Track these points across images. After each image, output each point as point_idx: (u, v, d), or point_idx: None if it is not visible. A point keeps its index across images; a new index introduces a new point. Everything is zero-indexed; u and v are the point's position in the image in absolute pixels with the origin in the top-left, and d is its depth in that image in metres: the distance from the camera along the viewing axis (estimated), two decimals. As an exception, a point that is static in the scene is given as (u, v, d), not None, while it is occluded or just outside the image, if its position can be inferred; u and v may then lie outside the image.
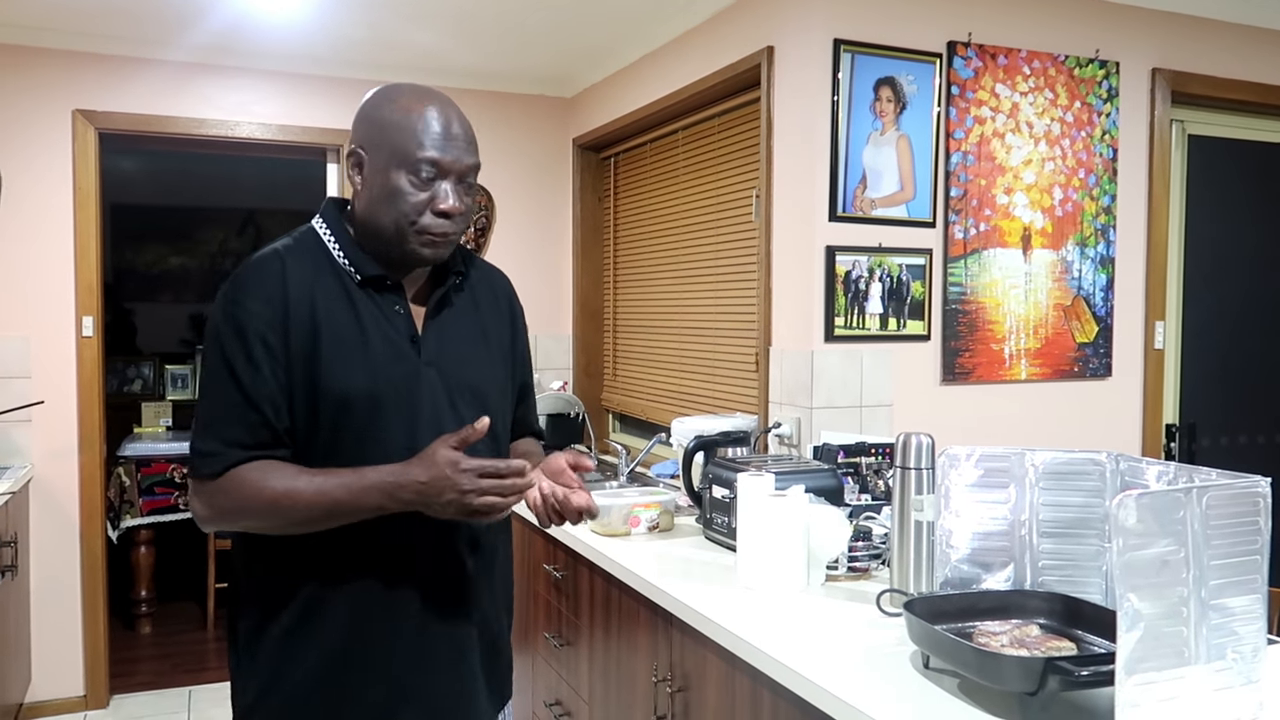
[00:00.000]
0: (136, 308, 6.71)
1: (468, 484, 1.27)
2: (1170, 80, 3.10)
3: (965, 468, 1.65)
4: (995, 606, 1.57)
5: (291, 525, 1.36)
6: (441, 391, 1.46)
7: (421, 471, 1.29)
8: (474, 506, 1.29)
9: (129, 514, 4.57)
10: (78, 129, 3.63)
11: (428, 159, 1.39)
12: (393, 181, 1.40)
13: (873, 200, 2.71)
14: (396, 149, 1.40)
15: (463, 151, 1.42)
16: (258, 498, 1.34)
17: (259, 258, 1.43)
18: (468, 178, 1.44)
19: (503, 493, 1.29)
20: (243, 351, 1.36)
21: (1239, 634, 1.29)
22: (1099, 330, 3.05)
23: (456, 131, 1.42)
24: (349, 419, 1.39)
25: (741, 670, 1.70)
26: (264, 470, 1.35)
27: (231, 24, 3.41)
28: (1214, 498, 1.27)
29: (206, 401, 1.39)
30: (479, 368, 1.52)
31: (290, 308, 1.38)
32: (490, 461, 1.30)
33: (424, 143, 1.39)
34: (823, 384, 2.67)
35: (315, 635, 1.41)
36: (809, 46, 2.66)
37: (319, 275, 1.42)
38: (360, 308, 1.42)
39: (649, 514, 2.44)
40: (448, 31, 3.50)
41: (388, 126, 1.41)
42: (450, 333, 1.50)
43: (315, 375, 1.37)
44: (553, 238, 4.36)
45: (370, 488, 1.32)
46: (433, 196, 1.41)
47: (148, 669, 4.27)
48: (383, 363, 1.41)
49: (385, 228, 1.42)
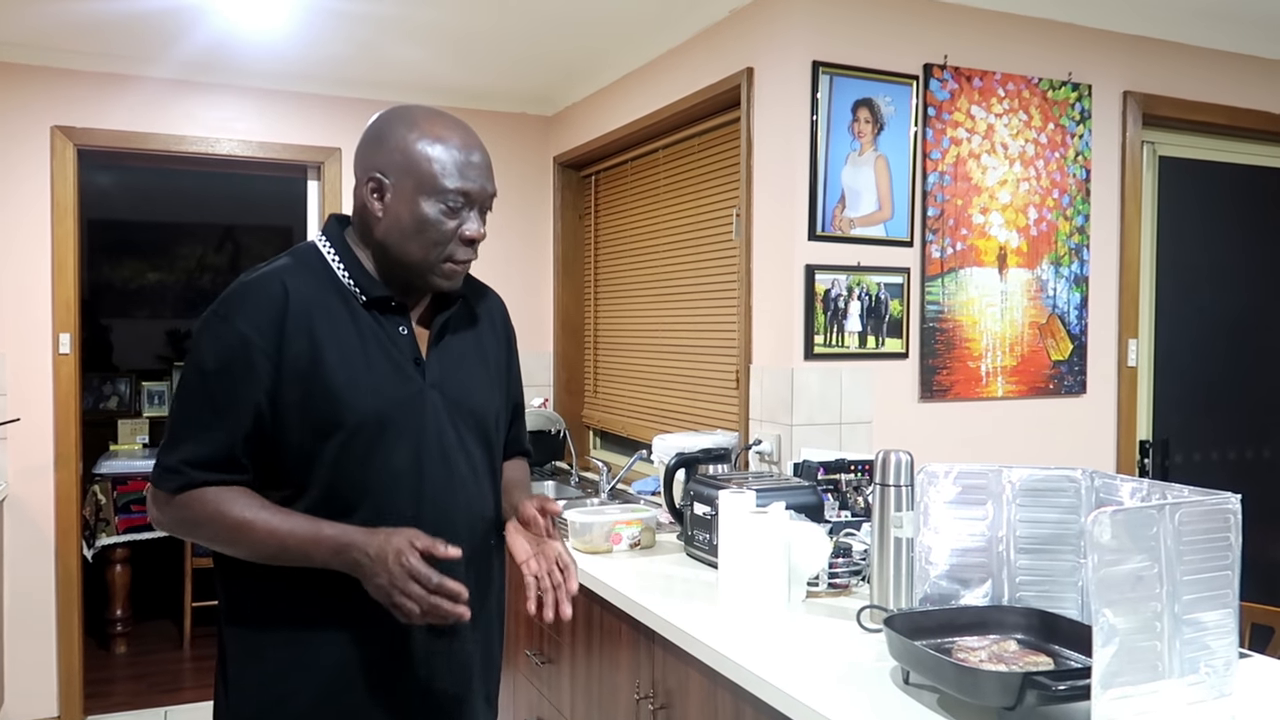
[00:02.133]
0: (113, 324, 6.65)
1: (399, 579, 1.25)
2: (1141, 103, 3.16)
3: (944, 485, 1.67)
4: (974, 622, 1.59)
5: (240, 554, 1.37)
6: (444, 414, 1.45)
7: (372, 546, 1.28)
8: (394, 601, 1.27)
9: (105, 532, 4.53)
10: (56, 146, 3.62)
11: (459, 189, 1.40)
12: (422, 210, 1.39)
13: (851, 219, 2.74)
14: (425, 178, 1.39)
15: (487, 180, 1.44)
16: (211, 522, 1.35)
17: (258, 278, 1.41)
18: (487, 205, 1.46)
19: (420, 606, 1.26)
20: (221, 372, 1.35)
21: (1211, 648, 1.32)
22: (1073, 348, 3.09)
23: (480, 159, 1.44)
24: (354, 439, 1.38)
25: (723, 687, 1.71)
26: (224, 496, 1.35)
27: (214, 41, 3.41)
28: (1186, 514, 1.30)
29: (177, 415, 1.39)
30: (480, 391, 1.52)
31: (287, 332, 1.36)
32: (432, 574, 1.26)
33: (455, 173, 1.40)
34: (803, 401, 2.69)
35: (312, 657, 1.40)
36: (788, 68, 2.70)
37: (322, 295, 1.41)
38: (364, 328, 1.42)
39: (630, 531, 2.45)
40: (430, 50, 3.52)
41: (413, 154, 1.39)
42: (453, 355, 1.50)
43: (318, 395, 1.36)
44: (534, 255, 4.37)
45: (320, 541, 1.31)
46: (460, 225, 1.42)
47: (123, 689, 4.22)
48: (387, 384, 1.41)
49: (412, 257, 1.41)
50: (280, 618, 1.41)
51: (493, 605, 1.58)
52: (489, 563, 1.55)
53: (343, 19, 3.18)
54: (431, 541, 1.28)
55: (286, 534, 1.33)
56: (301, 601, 1.39)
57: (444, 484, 1.45)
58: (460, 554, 1.29)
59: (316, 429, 1.37)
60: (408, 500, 1.41)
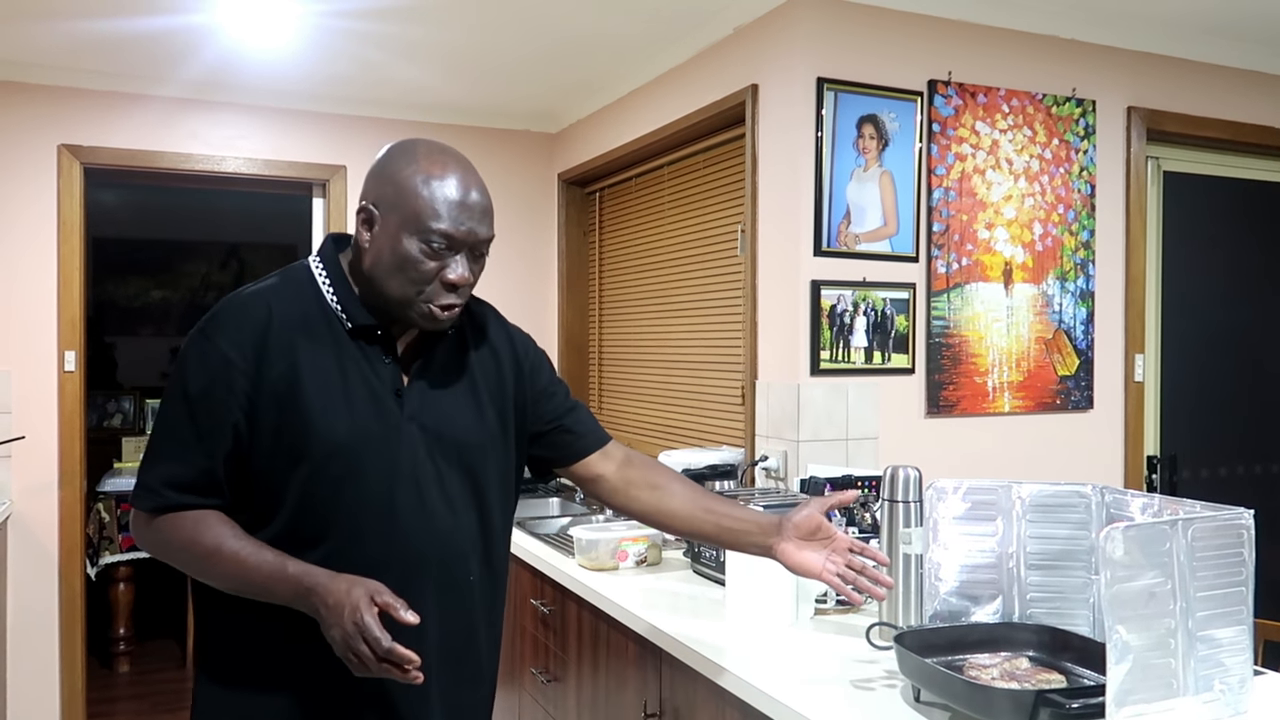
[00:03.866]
0: (118, 341, 6.66)
1: (351, 634, 1.22)
2: (1145, 118, 3.17)
3: (952, 500, 1.66)
4: (984, 639, 1.58)
5: (212, 583, 1.36)
6: (422, 446, 1.42)
7: (331, 596, 1.25)
8: (340, 652, 1.24)
9: (108, 550, 4.51)
10: (63, 164, 3.63)
11: (440, 231, 1.35)
12: (403, 248, 1.35)
13: (857, 235, 2.74)
14: (410, 215, 1.35)
15: (477, 223, 1.39)
16: (184, 548, 1.34)
17: (242, 298, 1.40)
18: (479, 249, 1.41)
19: (364, 665, 1.23)
20: (203, 393, 1.34)
21: (1226, 665, 1.30)
22: (1080, 363, 3.08)
23: (473, 202, 1.39)
24: (324, 468, 1.36)
25: (731, 705, 1.69)
26: (200, 523, 1.34)
27: (220, 60, 3.43)
28: (1199, 529, 1.29)
29: (158, 433, 1.38)
30: (464, 422, 1.48)
31: (268, 353, 1.35)
32: (383, 638, 1.21)
33: (440, 213, 1.35)
34: (809, 417, 2.68)
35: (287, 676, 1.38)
36: (793, 85, 2.70)
37: (306, 319, 1.39)
38: (345, 356, 1.39)
39: (637, 548, 2.44)
40: (435, 68, 3.54)
41: (404, 190, 1.36)
42: (437, 386, 1.46)
43: (292, 421, 1.35)
44: (538, 272, 4.38)
45: (285, 580, 1.29)
46: (442, 267, 1.37)
47: (126, 709, 4.20)
48: (363, 414, 1.38)
49: (392, 293, 1.38)
50: (249, 651, 1.39)
51: (481, 642, 1.51)
52: (469, 597, 1.48)
53: (348, 38, 3.20)
54: (393, 601, 1.23)
55: (253, 567, 1.30)
56: (268, 636, 1.37)
57: (416, 517, 1.41)
58: (418, 620, 1.24)
59: (288, 455, 1.35)
60: (376, 533, 1.38)
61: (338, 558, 1.34)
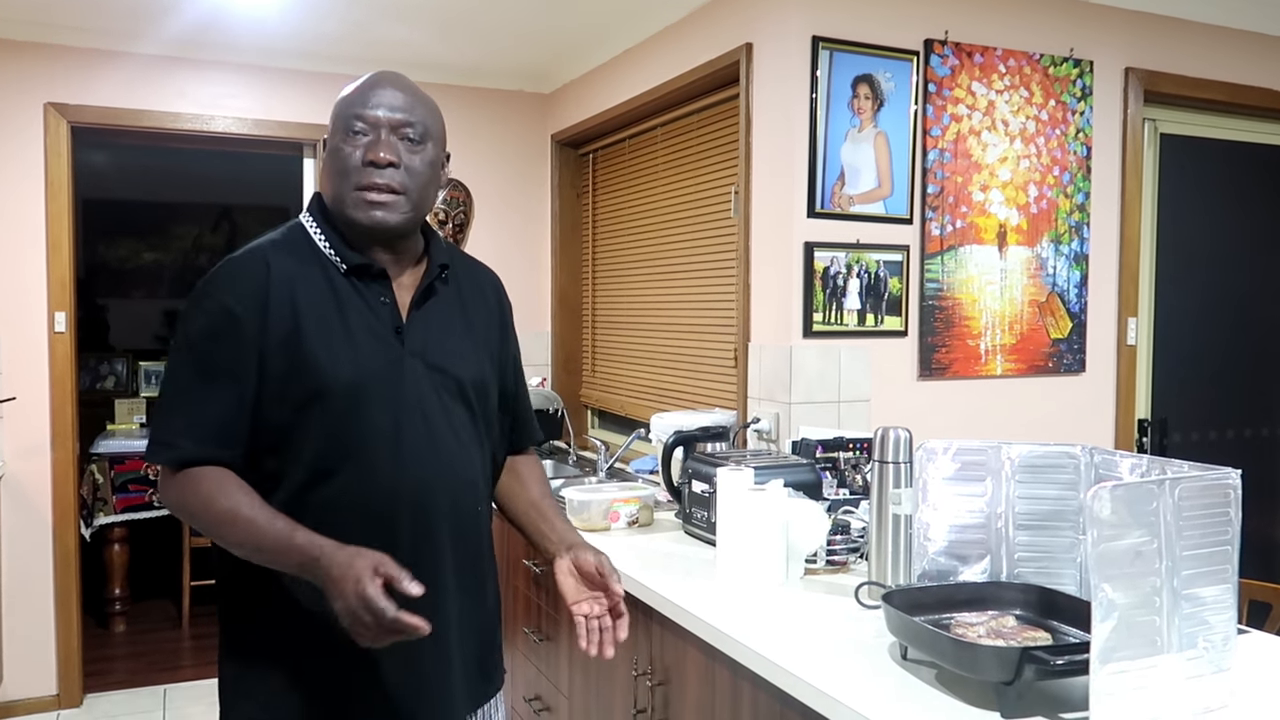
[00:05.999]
0: (110, 304, 6.63)
1: (355, 606, 1.22)
2: (1143, 79, 3.14)
3: (942, 461, 1.67)
4: (972, 598, 1.59)
5: (227, 547, 1.37)
6: (425, 380, 1.45)
7: (336, 568, 1.25)
8: (345, 623, 1.26)
9: (102, 511, 4.53)
10: (50, 122, 3.59)
11: (354, 114, 1.42)
12: (334, 146, 1.44)
13: (850, 197, 2.72)
14: (336, 118, 1.45)
15: (394, 107, 1.43)
16: (201, 510, 1.36)
17: (241, 255, 1.44)
18: (404, 131, 1.43)
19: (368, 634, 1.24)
20: (209, 345, 1.37)
21: (1210, 623, 1.31)
22: (1073, 326, 3.08)
23: (388, 89, 1.45)
24: (332, 407, 1.38)
25: (721, 663, 1.71)
26: (217, 486, 1.35)
27: (207, 17, 3.38)
28: (1186, 489, 1.29)
29: (167, 389, 1.41)
30: (463, 360, 1.52)
31: (270, 303, 1.38)
32: (387, 609, 1.21)
33: (353, 100, 1.44)
34: (801, 379, 2.68)
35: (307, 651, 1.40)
36: (787, 44, 2.67)
37: (304, 268, 1.43)
38: (344, 298, 1.43)
39: (628, 509, 2.45)
40: (426, 26, 3.49)
41: (337, 104, 1.46)
42: (435, 324, 1.50)
43: (299, 365, 1.37)
44: (531, 234, 4.35)
45: (292, 549, 1.30)
46: (364, 151, 1.42)
47: (122, 668, 4.23)
48: (366, 352, 1.41)
49: (331, 197, 1.45)
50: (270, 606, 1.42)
51: (485, 568, 1.56)
52: (476, 527, 1.53)
53: (338, -6, 3.15)
54: (396, 573, 1.24)
55: (263, 535, 1.32)
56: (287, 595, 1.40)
57: (425, 448, 1.44)
58: (422, 591, 1.24)
59: (297, 399, 1.38)
60: (387, 465, 1.41)
61: (351, 492, 1.38)
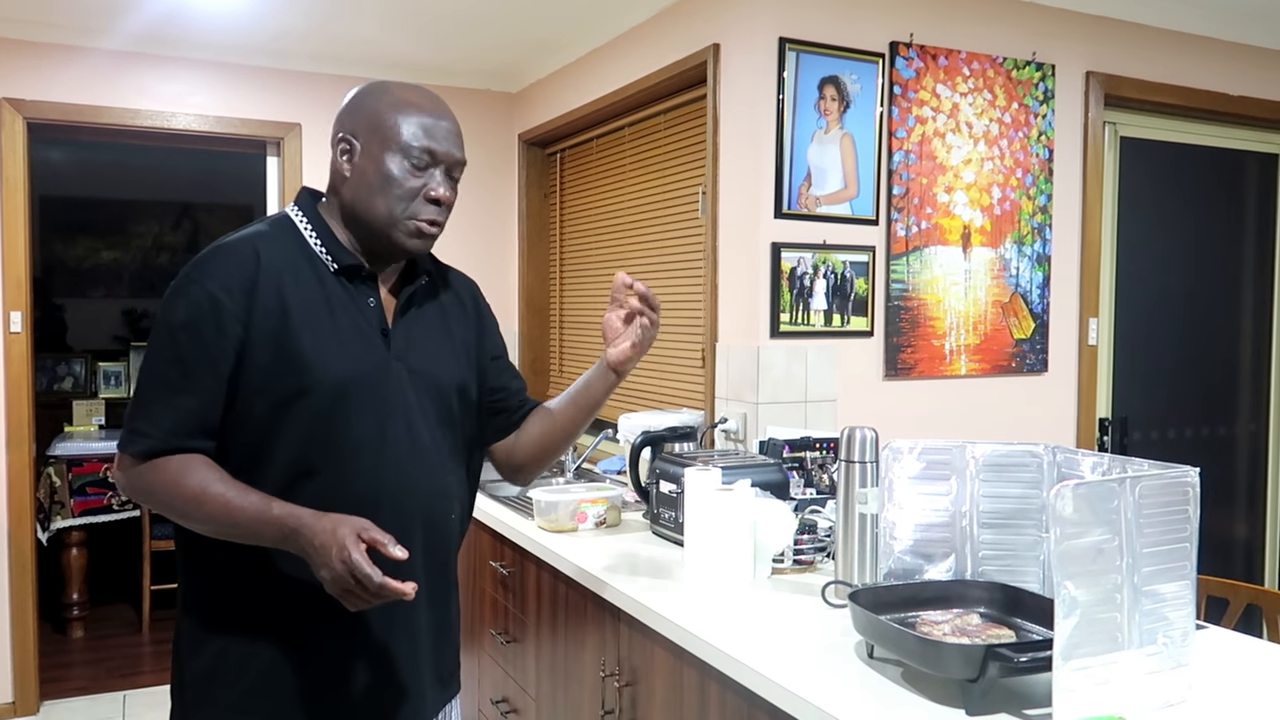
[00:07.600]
0: (67, 303, 6.51)
1: (341, 573, 1.23)
2: (1103, 83, 3.19)
3: (908, 461, 1.68)
4: (937, 596, 1.60)
5: (195, 527, 1.36)
6: (409, 385, 1.46)
7: (318, 536, 1.26)
8: (332, 590, 1.27)
9: (60, 515, 4.44)
10: (5, 118, 3.52)
11: (423, 147, 1.42)
12: (387, 167, 1.41)
13: (817, 198, 2.74)
14: (393, 135, 1.42)
15: (454, 145, 1.46)
16: (168, 491, 1.34)
17: (231, 242, 1.41)
18: (455, 172, 1.48)
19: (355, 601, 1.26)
20: (191, 333, 1.35)
21: (1169, 619, 1.33)
22: (1035, 327, 3.12)
23: (449, 126, 1.46)
24: (319, 404, 1.37)
25: (689, 663, 1.71)
26: (184, 466, 1.33)
27: (168, 12, 3.33)
28: (1146, 487, 1.31)
29: (146, 376, 1.38)
30: (444, 365, 1.53)
31: (257, 296, 1.36)
32: (373, 575, 1.23)
33: (420, 131, 1.42)
34: (768, 379, 2.69)
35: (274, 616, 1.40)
36: (754, 45, 2.68)
37: (293, 261, 1.41)
38: (333, 296, 1.42)
39: (596, 510, 2.44)
40: (389, 23, 3.46)
41: (384, 115, 1.43)
42: (419, 328, 1.51)
43: (284, 359, 1.36)
44: (498, 234, 4.33)
45: (270, 521, 1.30)
46: (425, 184, 1.43)
47: (80, 674, 4.16)
48: (353, 351, 1.41)
49: (377, 213, 1.43)
50: (234, 595, 1.40)
51: (451, 577, 1.58)
52: (447, 535, 1.54)
53: (301, -10, 3.12)
54: (380, 537, 1.25)
55: (238, 509, 1.31)
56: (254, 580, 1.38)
57: (407, 453, 1.44)
58: (407, 555, 1.26)
59: (282, 393, 1.36)
60: (369, 468, 1.41)
61: (330, 493, 1.37)
